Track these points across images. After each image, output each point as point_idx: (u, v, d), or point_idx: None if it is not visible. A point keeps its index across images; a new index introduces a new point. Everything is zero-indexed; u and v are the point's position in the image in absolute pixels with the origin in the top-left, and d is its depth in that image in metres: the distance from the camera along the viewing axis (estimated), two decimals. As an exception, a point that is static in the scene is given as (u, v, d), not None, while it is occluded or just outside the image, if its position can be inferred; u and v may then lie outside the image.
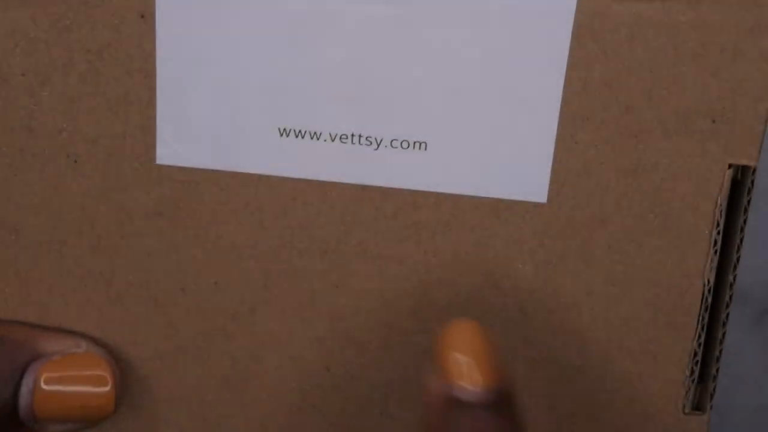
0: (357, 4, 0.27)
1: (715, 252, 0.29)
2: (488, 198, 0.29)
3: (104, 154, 0.29)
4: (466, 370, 0.24)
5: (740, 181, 0.28)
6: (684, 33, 0.26)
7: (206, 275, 0.30)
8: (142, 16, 0.27)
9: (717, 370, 0.30)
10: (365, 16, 0.27)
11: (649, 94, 0.27)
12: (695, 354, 0.30)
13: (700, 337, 0.30)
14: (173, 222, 0.30)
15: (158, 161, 0.29)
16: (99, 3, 0.27)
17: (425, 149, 0.28)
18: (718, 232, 0.29)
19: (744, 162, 0.28)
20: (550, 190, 0.28)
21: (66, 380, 0.29)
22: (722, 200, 0.28)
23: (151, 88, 0.28)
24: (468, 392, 0.23)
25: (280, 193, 0.29)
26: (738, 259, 0.29)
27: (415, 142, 0.28)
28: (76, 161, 0.29)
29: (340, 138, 0.28)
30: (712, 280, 0.29)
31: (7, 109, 0.29)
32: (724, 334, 0.30)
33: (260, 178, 0.29)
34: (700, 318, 0.30)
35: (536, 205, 0.29)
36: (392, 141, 0.28)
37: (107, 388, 0.29)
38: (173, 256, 0.30)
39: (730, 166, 0.28)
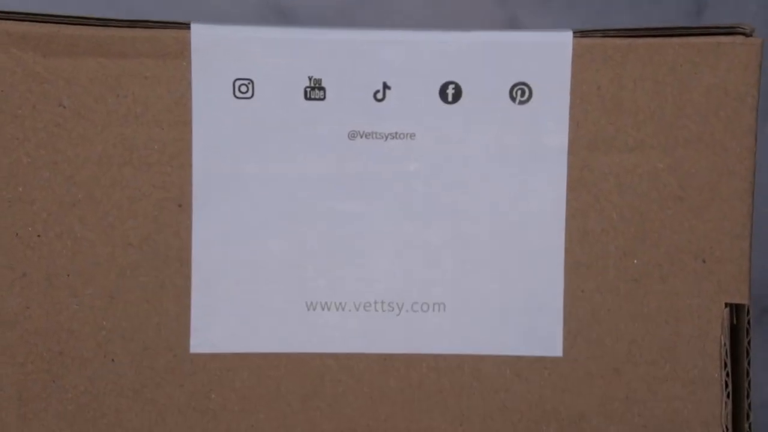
0: (380, 163, 0.30)
1: (728, 395, 0.30)
2: (507, 356, 0.30)
3: (140, 350, 0.30)
4: None
5: (738, 319, 0.30)
6: (664, 178, 0.30)
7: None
8: (180, 206, 0.30)
9: None
10: (381, 184, 0.30)
11: (642, 238, 0.30)
12: None
13: (728, 493, 0.30)
14: (205, 416, 0.30)
15: (192, 350, 0.30)
16: (141, 196, 0.30)
17: (444, 310, 0.30)
18: (727, 374, 0.30)
19: (737, 300, 0.30)
20: (565, 342, 0.30)
21: None
22: (725, 340, 0.30)
23: (187, 276, 0.30)
24: None
25: (308, 371, 0.30)
26: (750, 405, 0.30)
27: (434, 304, 0.30)
28: (113, 360, 0.30)
29: (364, 306, 0.30)
30: (730, 428, 0.30)
31: (50, 313, 0.30)
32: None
33: (288, 357, 0.30)
34: (726, 471, 0.30)
35: (553, 359, 0.30)
36: (413, 305, 0.30)
37: None
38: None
39: (726, 305, 0.30)
